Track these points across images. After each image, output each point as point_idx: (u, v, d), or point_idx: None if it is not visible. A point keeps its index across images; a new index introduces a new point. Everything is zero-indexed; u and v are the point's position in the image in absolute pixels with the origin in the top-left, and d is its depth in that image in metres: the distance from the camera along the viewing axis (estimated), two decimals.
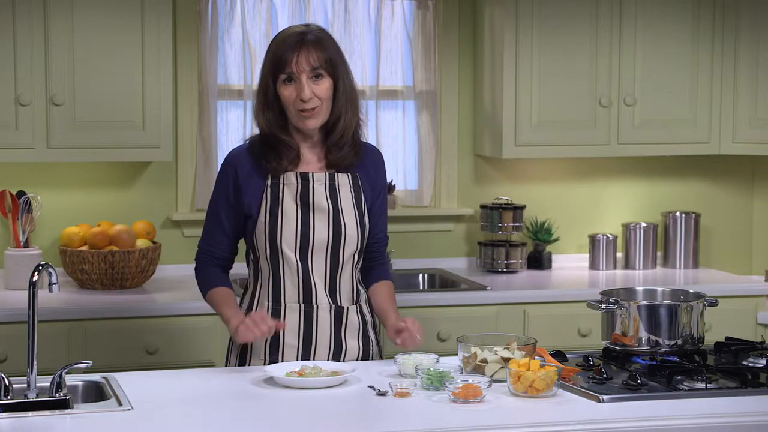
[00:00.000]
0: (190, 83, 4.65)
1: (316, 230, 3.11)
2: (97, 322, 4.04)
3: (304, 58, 3.05)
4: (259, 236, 3.12)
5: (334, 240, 3.12)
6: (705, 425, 2.62)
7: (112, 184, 4.63)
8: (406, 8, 4.87)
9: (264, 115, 3.12)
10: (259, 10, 4.72)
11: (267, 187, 3.12)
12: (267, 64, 3.11)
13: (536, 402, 2.73)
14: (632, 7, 4.69)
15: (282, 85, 3.09)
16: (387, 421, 2.61)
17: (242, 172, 3.13)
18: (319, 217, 3.11)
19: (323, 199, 3.12)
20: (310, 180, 3.12)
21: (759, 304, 4.62)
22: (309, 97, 3.05)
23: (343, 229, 3.12)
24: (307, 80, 3.06)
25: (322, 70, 3.07)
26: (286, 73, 3.07)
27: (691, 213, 5.04)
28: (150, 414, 2.64)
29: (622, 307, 3.08)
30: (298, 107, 3.07)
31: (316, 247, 3.11)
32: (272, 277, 3.14)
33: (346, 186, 3.16)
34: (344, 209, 3.13)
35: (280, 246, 3.10)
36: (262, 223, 3.11)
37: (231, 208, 3.15)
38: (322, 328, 3.14)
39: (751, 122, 4.80)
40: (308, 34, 3.09)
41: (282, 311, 3.13)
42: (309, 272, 3.12)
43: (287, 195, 3.11)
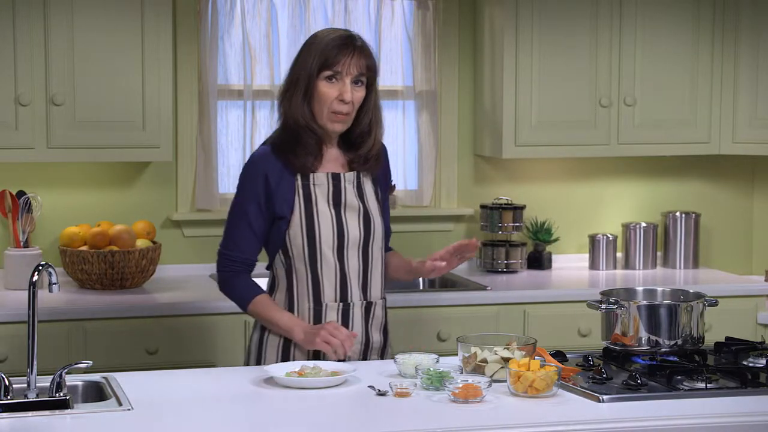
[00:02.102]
0: (190, 83, 4.65)
1: (350, 228, 3.17)
2: (97, 322, 4.04)
3: (353, 62, 3.11)
4: (295, 237, 3.15)
5: (365, 236, 3.18)
6: (705, 425, 2.62)
7: (112, 184, 4.63)
8: (406, 8, 4.87)
9: (300, 108, 3.13)
10: (259, 10, 4.72)
11: (298, 188, 3.15)
12: (312, 59, 3.12)
13: (536, 402, 2.73)
14: (632, 7, 4.69)
15: (323, 82, 3.11)
16: (387, 421, 2.61)
17: (272, 175, 3.15)
18: (350, 215, 3.17)
19: (353, 198, 3.19)
20: (342, 180, 3.18)
21: (759, 304, 4.62)
22: (350, 99, 3.10)
23: (373, 225, 3.20)
24: (350, 83, 3.11)
25: (363, 78, 3.14)
26: (333, 71, 3.11)
27: (691, 213, 5.04)
28: (150, 414, 2.64)
29: (622, 307, 3.08)
30: (334, 108, 3.11)
31: (350, 245, 3.17)
32: (311, 278, 3.16)
33: (368, 184, 3.24)
34: (371, 206, 3.21)
35: (319, 246, 3.14)
36: (297, 224, 3.14)
37: (261, 211, 3.16)
38: (356, 324, 3.20)
39: (751, 122, 4.80)
40: (356, 39, 3.15)
41: (323, 311, 3.17)
42: (345, 270, 3.17)
43: (319, 195, 3.15)
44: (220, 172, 4.74)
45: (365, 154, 3.19)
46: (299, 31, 4.76)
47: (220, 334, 4.14)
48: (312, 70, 3.11)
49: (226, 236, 3.21)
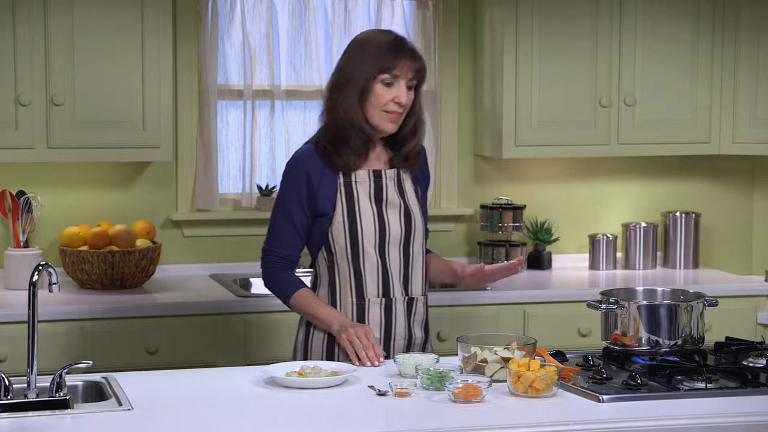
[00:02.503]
0: (190, 83, 4.65)
1: (391, 225, 3.21)
2: (97, 322, 4.04)
3: (410, 66, 3.17)
4: (337, 234, 3.19)
5: (406, 233, 3.23)
6: (705, 425, 2.62)
7: (112, 184, 4.63)
8: (406, 8, 4.88)
9: (355, 110, 3.16)
10: (259, 10, 4.72)
11: (340, 185, 3.19)
12: (368, 63, 3.16)
13: (536, 402, 2.73)
14: (632, 7, 4.69)
15: (379, 85, 3.16)
16: (387, 421, 2.61)
17: (315, 173, 3.19)
18: (392, 212, 3.22)
19: (394, 195, 3.23)
20: (383, 177, 3.22)
21: (759, 304, 4.62)
22: (406, 102, 3.17)
23: (413, 222, 3.24)
24: (404, 86, 3.17)
25: (414, 81, 3.20)
26: (392, 74, 3.16)
27: (691, 213, 5.04)
28: (150, 414, 2.64)
29: (622, 307, 3.08)
30: (390, 109, 3.17)
31: (392, 241, 3.21)
32: (353, 274, 3.21)
33: (408, 181, 3.28)
34: (411, 204, 3.25)
35: (361, 242, 3.18)
36: (340, 221, 3.19)
37: (303, 209, 3.21)
38: (398, 320, 3.24)
39: (750, 122, 4.80)
40: (406, 41, 3.21)
41: (366, 306, 3.21)
42: (387, 266, 3.21)
43: (361, 192, 3.20)
44: (220, 172, 4.74)
45: (407, 153, 3.25)
46: (299, 31, 4.76)
47: (220, 334, 4.14)
48: (369, 72, 3.16)
49: (270, 233, 3.27)
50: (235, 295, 4.27)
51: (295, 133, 4.82)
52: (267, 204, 4.75)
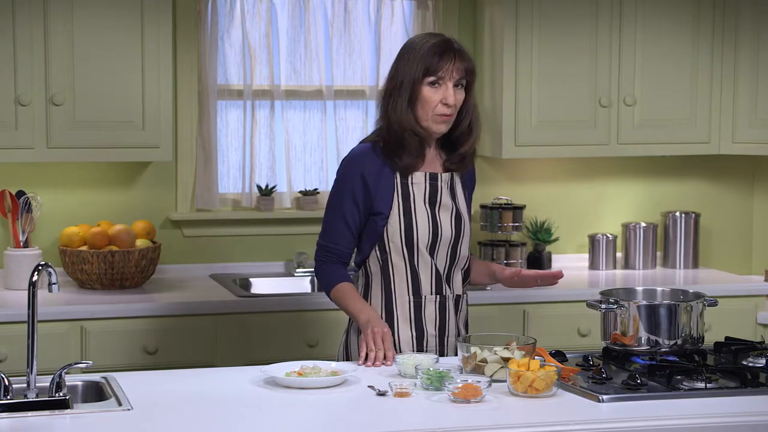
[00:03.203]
0: (189, 83, 4.65)
1: (443, 227, 3.25)
2: (97, 322, 4.04)
3: (455, 66, 3.19)
4: (392, 235, 3.23)
5: (456, 235, 3.27)
6: (705, 425, 2.62)
7: (112, 184, 4.62)
8: (406, 8, 4.87)
9: (405, 113, 3.20)
10: (258, 10, 4.72)
11: (397, 186, 3.23)
12: (415, 66, 3.19)
13: (536, 402, 2.73)
14: (632, 7, 4.69)
15: (427, 87, 3.19)
16: (387, 421, 2.61)
17: (370, 172, 3.23)
18: (444, 214, 3.26)
19: (448, 198, 3.28)
20: (439, 180, 3.26)
21: (759, 304, 4.62)
22: (453, 103, 3.18)
23: (463, 225, 3.29)
24: (452, 87, 3.18)
25: (464, 81, 3.22)
26: (437, 77, 3.18)
27: (690, 213, 5.04)
28: (150, 414, 2.63)
29: (622, 307, 3.08)
30: (438, 111, 3.20)
31: (442, 243, 3.25)
32: (410, 272, 3.24)
33: (459, 185, 3.33)
34: (461, 206, 3.30)
35: (416, 244, 3.22)
36: (396, 221, 3.23)
37: (355, 206, 3.25)
38: (450, 317, 3.29)
39: (750, 122, 4.80)
40: (454, 42, 3.23)
41: (423, 303, 3.25)
42: (437, 266, 3.25)
43: (417, 194, 3.24)
44: (219, 172, 4.74)
45: (464, 153, 3.28)
46: (299, 31, 4.76)
47: (220, 334, 4.14)
48: (416, 76, 3.19)
49: (323, 227, 3.33)
50: (234, 295, 4.27)
51: (295, 133, 4.82)
52: (267, 204, 4.76)
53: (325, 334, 4.22)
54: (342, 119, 4.86)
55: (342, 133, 4.86)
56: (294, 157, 4.83)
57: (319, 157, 4.85)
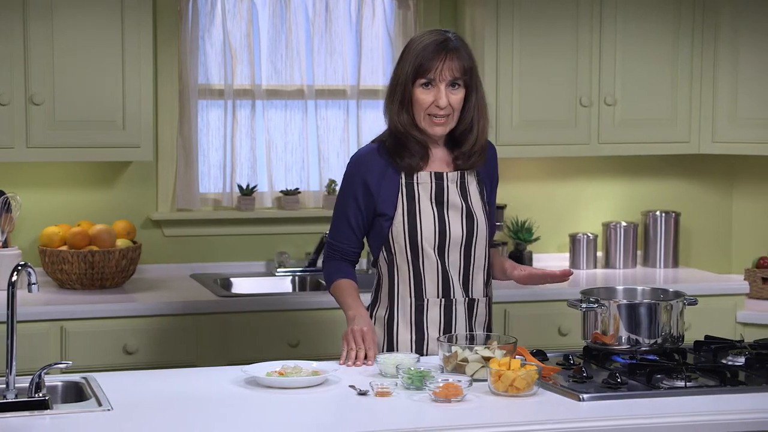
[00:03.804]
0: (170, 83, 4.64)
1: (452, 227, 3.20)
2: (77, 322, 4.02)
3: (446, 67, 3.14)
4: (397, 235, 3.20)
5: (468, 235, 3.22)
6: (685, 423, 2.63)
7: (92, 184, 4.61)
8: (387, 8, 4.87)
9: (399, 115, 3.18)
10: (239, 9, 4.71)
11: (402, 186, 3.20)
12: (407, 67, 3.16)
13: (517, 401, 2.74)
14: (612, 7, 4.70)
15: (419, 88, 3.16)
16: (367, 421, 2.61)
17: (373, 174, 3.20)
18: (453, 214, 3.21)
19: (456, 197, 3.22)
20: (444, 179, 3.22)
21: (738, 302, 4.64)
22: (445, 104, 3.14)
23: (476, 224, 3.23)
24: (445, 88, 3.14)
25: (460, 81, 3.16)
26: (427, 78, 3.14)
27: (671, 212, 5.06)
28: (130, 414, 2.63)
29: (603, 306, 3.08)
30: (432, 112, 3.15)
31: (452, 243, 3.20)
32: (413, 274, 3.21)
33: (473, 184, 3.27)
34: (474, 206, 3.24)
35: (420, 244, 3.19)
36: (400, 222, 3.19)
37: (358, 207, 3.23)
38: (459, 321, 3.24)
39: (730, 122, 4.82)
40: (450, 42, 3.16)
41: (425, 306, 3.22)
42: (446, 267, 3.21)
43: (422, 194, 3.20)
44: (200, 171, 4.73)
45: (468, 151, 3.22)
46: (280, 30, 4.76)
47: (201, 334, 4.13)
48: (407, 77, 3.16)
49: (330, 224, 3.33)
50: (215, 295, 4.26)
51: (276, 133, 4.82)
52: (248, 203, 4.75)
53: (306, 334, 4.22)
54: (323, 119, 4.85)
55: (323, 133, 4.85)
56: (275, 156, 4.83)
57: (300, 156, 4.85)
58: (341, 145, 4.87)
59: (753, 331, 4.51)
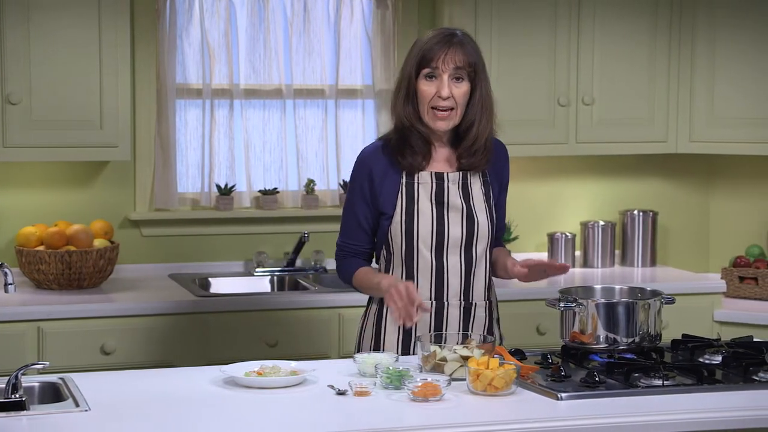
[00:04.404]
0: (148, 82, 4.63)
1: (451, 228, 3.18)
2: (54, 322, 4.01)
3: (450, 57, 3.12)
4: (394, 234, 3.19)
5: (468, 237, 3.19)
6: (662, 422, 2.64)
7: (70, 184, 4.59)
8: (366, 7, 4.87)
9: (404, 108, 3.17)
10: (217, 8, 4.70)
11: (402, 185, 3.18)
12: (412, 59, 3.16)
13: (495, 400, 2.74)
14: (590, 7, 4.72)
15: (423, 80, 3.14)
16: (346, 421, 2.61)
17: (377, 171, 3.19)
18: (453, 215, 3.19)
19: (457, 198, 3.19)
20: (445, 179, 3.20)
21: (715, 301, 4.66)
22: (448, 95, 3.12)
23: (476, 226, 3.20)
24: (448, 79, 3.12)
25: (464, 73, 3.14)
26: (431, 68, 3.13)
27: (648, 211, 5.08)
28: (108, 415, 2.62)
29: (581, 305, 3.09)
30: (434, 104, 3.13)
31: (451, 245, 3.18)
32: (405, 275, 3.19)
33: (477, 184, 3.24)
34: (476, 207, 3.21)
35: (416, 244, 3.17)
36: (398, 221, 3.18)
37: (367, 205, 3.21)
38: (451, 324, 3.21)
39: (707, 121, 4.84)
40: (455, 36, 3.15)
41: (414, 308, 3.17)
42: (443, 270, 3.18)
43: (422, 194, 3.18)
44: (178, 171, 4.72)
45: (469, 148, 3.19)
46: (258, 29, 4.75)
47: (179, 334, 4.12)
48: (411, 70, 3.15)
49: (340, 226, 3.30)
50: (193, 295, 4.25)
51: (254, 132, 4.81)
52: (226, 203, 4.74)
53: (285, 334, 4.21)
54: (301, 118, 4.85)
55: (301, 132, 4.85)
56: (253, 156, 4.82)
57: (279, 156, 4.84)
58: (320, 144, 4.87)
59: (730, 329, 4.53)
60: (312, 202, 4.85)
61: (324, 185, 4.89)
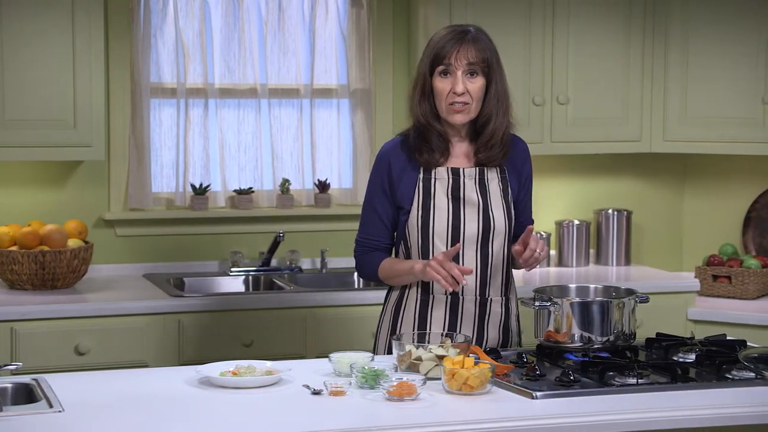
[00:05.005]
0: (122, 81, 4.61)
1: (467, 223, 3.20)
2: (28, 323, 3.98)
3: (463, 54, 3.16)
4: (411, 229, 3.21)
5: (484, 232, 3.21)
6: (636, 420, 2.65)
7: (43, 184, 4.57)
8: (341, 6, 4.87)
9: (420, 106, 3.20)
10: (192, 7, 4.68)
11: (419, 181, 3.21)
12: (426, 57, 3.20)
13: (470, 399, 2.75)
14: (565, 7, 4.73)
15: (438, 77, 3.18)
16: (322, 420, 2.60)
17: (396, 166, 3.22)
18: (469, 210, 3.21)
19: (473, 193, 3.22)
20: (461, 175, 3.22)
21: (689, 300, 4.68)
22: (462, 91, 3.15)
23: (492, 222, 3.22)
24: (462, 75, 3.15)
25: (478, 68, 3.17)
26: (444, 65, 3.16)
27: (623, 210, 5.10)
28: (82, 416, 2.60)
29: (555, 304, 3.10)
30: (450, 100, 3.16)
31: (467, 240, 3.20)
32: None
33: (494, 180, 3.26)
34: (493, 203, 3.23)
35: (432, 239, 3.20)
36: (414, 216, 3.20)
37: (386, 198, 3.24)
38: (466, 319, 3.23)
39: (681, 121, 4.86)
40: (469, 32, 3.19)
41: (430, 302, 3.22)
42: (460, 264, 3.17)
43: (439, 189, 3.21)
44: (153, 170, 4.70)
45: (487, 142, 3.22)
46: (233, 29, 4.74)
47: (153, 334, 4.11)
48: (425, 68, 3.19)
49: (360, 222, 3.32)
50: (168, 295, 4.24)
51: (229, 132, 4.80)
52: (201, 203, 4.72)
53: (260, 334, 4.20)
54: (276, 118, 4.84)
55: (276, 132, 4.84)
56: (228, 155, 4.81)
57: (254, 155, 4.83)
58: (294, 144, 4.86)
59: (703, 328, 4.56)
60: (287, 202, 4.84)
61: (299, 185, 4.89)
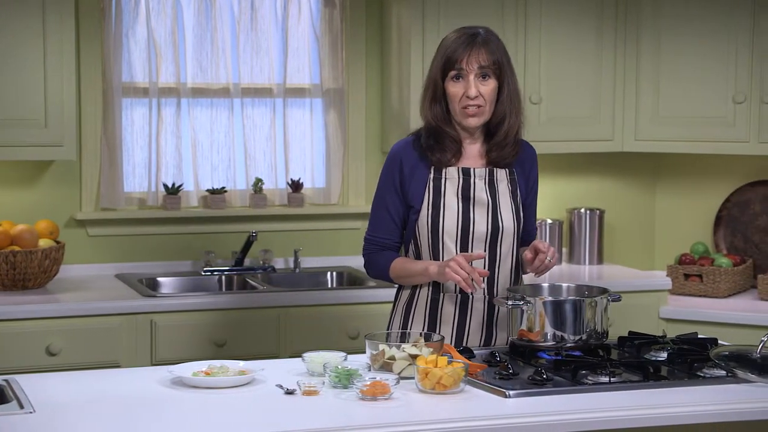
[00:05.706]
0: (94, 81, 4.59)
1: (476, 223, 3.22)
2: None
3: (474, 57, 3.18)
4: (421, 228, 3.23)
5: (493, 233, 3.23)
6: (609, 418, 2.66)
7: (14, 183, 4.54)
8: (313, 6, 4.86)
9: (432, 110, 3.23)
10: (164, 6, 4.67)
11: (430, 180, 3.22)
12: (438, 61, 3.22)
13: (444, 398, 2.75)
14: (537, 6, 4.74)
15: (450, 81, 3.20)
16: (295, 420, 2.60)
17: (407, 165, 3.23)
18: (479, 210, 3.23)
19: (483, 194, 3.24)
20: (472, 175, 3.24)
21: (661, 298, 4.70)
22: (475, 95, 3.17)
23: (501, 222, 3.23)
24: (474, 79, 3.17)
25: (489, 71, 3.19)
26: (456, 69, 3.18)
27: (595, 209, 5.12)
28: (53, 416, 2.59)
29: (528, 303, 3.11)
30: (464, 104, 3.18)
31: (476, 240, 3.22)
32: None
33: (504, 181, 3.27)
34: (502, 203, 3.25)
35: (441, 238, 3.21)
36: (425, 215, 3.22)
37: (397, 196, 3.25)
38: (475, 318, 3.25)
39: (652, 120, 4.89)
40: (479, 35, 3.21)
41: (440, 300, 3.23)
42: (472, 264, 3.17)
43: (449, 189, 3.22)
44: (125, 170, 4.68)
45: (500, 142, 3.23)
46: (205, 28, 4.72)
47: (125, 334, 4.09)
48: (437, 72, 3.21)
49: (369, 221, 3.33)
50: (141, 295, 4.22)
51: (202, 131, 4.79)
52: (173, 203, 4.71)
53: (233, 334, 4.19)
54: (249, 117, 4.83)
55: (249, 131, 4.83)
56: (201, 155, 4.79)
57: (227, 155, 4.82)
58: (267, 143, 4.86)
59: (675, 326, 4.58)
60: (260, 201, 4.83)
61: (272, 184, 4.88)
